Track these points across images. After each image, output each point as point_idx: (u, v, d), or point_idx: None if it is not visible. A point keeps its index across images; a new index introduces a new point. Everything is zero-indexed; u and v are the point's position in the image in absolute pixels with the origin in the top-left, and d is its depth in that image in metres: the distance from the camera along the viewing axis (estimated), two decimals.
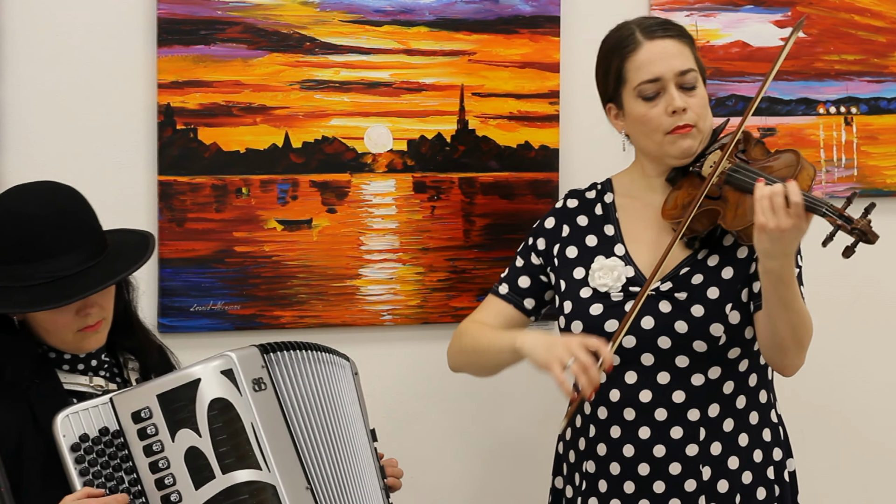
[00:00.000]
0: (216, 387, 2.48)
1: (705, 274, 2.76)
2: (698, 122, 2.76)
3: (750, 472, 2.78)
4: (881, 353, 3.68)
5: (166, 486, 2.45)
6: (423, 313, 3.32)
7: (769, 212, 2.53)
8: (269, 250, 3.19)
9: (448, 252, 3.32)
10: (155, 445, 2.45)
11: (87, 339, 2.56)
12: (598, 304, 2.78)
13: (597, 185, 2.94)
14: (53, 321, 2.53)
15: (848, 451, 3.64)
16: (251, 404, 2.48)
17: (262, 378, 2.53)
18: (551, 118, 3.37)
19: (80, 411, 2.46)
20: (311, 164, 3.21)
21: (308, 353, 2.66)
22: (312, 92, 3.20)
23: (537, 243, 2.91)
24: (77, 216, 2.55)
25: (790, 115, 3.55)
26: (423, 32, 3.28)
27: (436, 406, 3.34)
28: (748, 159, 2.75)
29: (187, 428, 2.45)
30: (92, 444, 2.45)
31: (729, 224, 2.68)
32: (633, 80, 2.76)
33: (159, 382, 2.49)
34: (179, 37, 3.10)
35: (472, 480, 3.41)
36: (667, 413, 2.75)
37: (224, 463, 2.45)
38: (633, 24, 2.81)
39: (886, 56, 3.62)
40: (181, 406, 2.46)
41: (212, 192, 3.14)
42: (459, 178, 3.32)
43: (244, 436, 2.47)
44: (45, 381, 2.54)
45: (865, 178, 3.61)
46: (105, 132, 3.08)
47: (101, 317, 2.56)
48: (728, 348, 2.74)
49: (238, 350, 2.53)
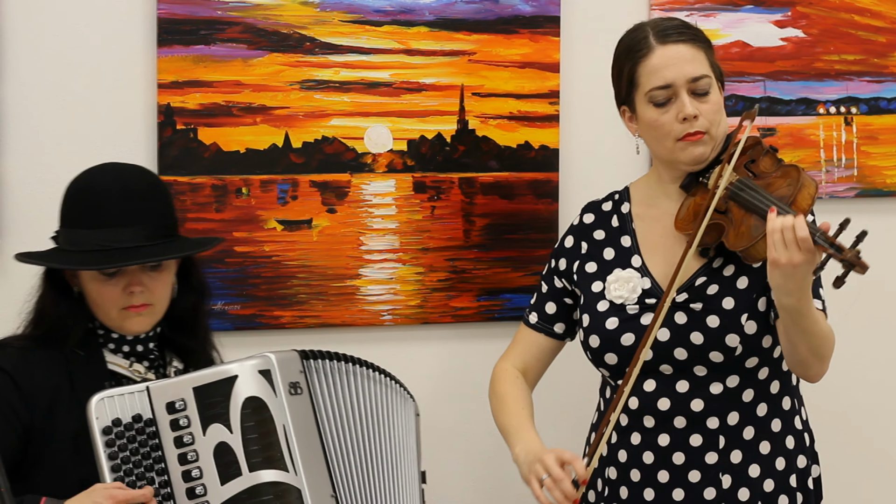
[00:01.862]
0: (252, 385, 2.49)
1: (721, 284, 2.73)
2: (710, 129, 2.73)
3: (772, 479, 2.76)
4: (881, 353, 3.68)
5: (193, 479, 2.46)
6: (423, 313, 3.32)
7: (780, 246, 2.50)
8: (269, 250, 3.20)
9: (448, 252, 3.32)
10: (186, 437, 2.48)
11: (129, 318, 2.58)
12: (614, 317, 2.76)
13: (614, 196, 2.91)
14: (100, 293, 2.57)
15: (848, 450, 3.64)
16: (285, 406, 2.50)
17: (298, 382, 2.55)
18: (551, 118, 3.37)
19: (115, 396, 2.49)
20: (311, 164, 3.21)
21: (352, 366, 2.68)
22: (312, 92, 3.20)
23: (559, 265, 2.90)
24: (146, 196, 2.59)
25: (790, 115, 3.55)
26: (423, 32, 3.28)
27: (436, 406, 3.34)
28: (756, 172, 2.71)
29: (219, 423, 2.47)
30: (124, 429, 2.47)
31: (731, 244, 2.65)
32: (645, 85, 2.73)
33: (197, 376, 2.52)
34: (179, 37, 3.10)
35: (474, 483, 3.41)
36: (686, 421, 2.73)
37: (252, 461, 2.46)
38: (647, 27, 2.77)
39: (886, 56, 3.62)
40: (216, 401, 2.48)
41: (212, 192, 3.14)
42: (459, 178, 3.32)
43: (275, 437, 2.48)
44: (90, 354, 2.58)
45: (865, 178, 3.61)
46: (105, 132, 3.08)
47: (147, 300, 2.58)
48: (745, 358, 2.72)
49: (278, 352, 2.55)
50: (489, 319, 3.33)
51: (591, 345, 2.78)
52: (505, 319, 3.33)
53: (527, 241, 3.36)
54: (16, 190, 3.04)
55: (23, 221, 3.03)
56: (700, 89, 2.72)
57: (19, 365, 2.54)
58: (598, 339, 2.77)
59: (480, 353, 3.29)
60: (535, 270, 3.23)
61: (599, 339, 2.77)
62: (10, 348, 2.58)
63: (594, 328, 2.78)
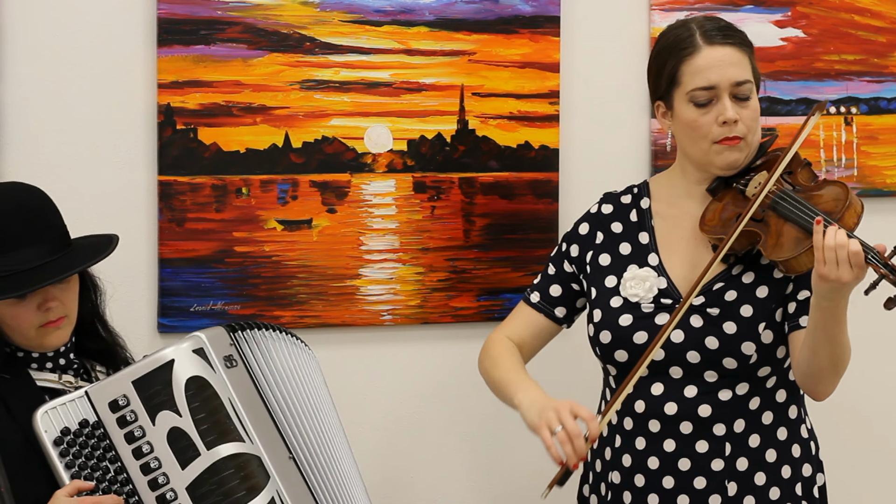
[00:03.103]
0: (190, 366, 2.52)
1: (739, 291, 2.71)
2: (747, 136, 2.71)
3: (777, 488, 2.75)
4: (886, 360, 3.68)
5: (152, 470, 2.48)
6: (423, 313, 3.32)
7: (832, 263, 2.47)
8: (269, 250, 3.20)
9: (448, 252, 3.32)
10: (136, 431, 2.49)
11: (48, 335, 2.58)
12: (627, 314, 2.74)
13: (633, 189, 2.88)
14: (15, 316, 2.55)
15: (847, 451, 3.64)
16: (226, 380, 2.53)
17: (232, 355, 2.59)
18: (551, 118, 3.37)
19: (58, 406, 2.49)
20: (311, 164, 3.21)
21: (273, 332, 2.72)
22: (312, 92, 3.20)
23: (570, 250, 2.87)
24: (39, 213, 2.58)
25: (790, 115, 3.55)
26: (423, 32, 3.28)
27: (437, 406, 3.34)
28: (794, 184, 2.70)
29: (167, 410, 2.49)
30: (74, 436, 2.48)
31: (769, 253, 2.63)
32: (688, 84, 2.70)
33: (133, 369, 2.53)
34: (179, 37, 3.10)
35: (472, 482, 3.41)
36: (692, 426, 2.71)
37: (207, 440, 2.49)
38: (694, 25, 2.74)
39: (886, 56, 3.62)
40: (158, 389, 2.50)
41: (212, 192, 3.14)
42: (459, 178, 3.32)
43: (224, 411, 2.51)
44: (17, 377, 2.57)
45: (865, 178, 3.61)
46: (105, 132, 3.08)
47: (62, 313, 2.58)
48: (758, 367, 2.70)
49: (205, 330, 2.58)
50: (489, 319, 3.33)
51: (602, 340, 2.76)
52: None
53: (527, 241, 3.36)
54: None
55: None
56: (742, 94, 2.70)
57: None
58: (610, 335, 2.74)
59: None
60: (535, 270, 3.22)
61: (611, 336, 2.74)
62: None
63: (606, 324, 2.76)
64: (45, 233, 2.56)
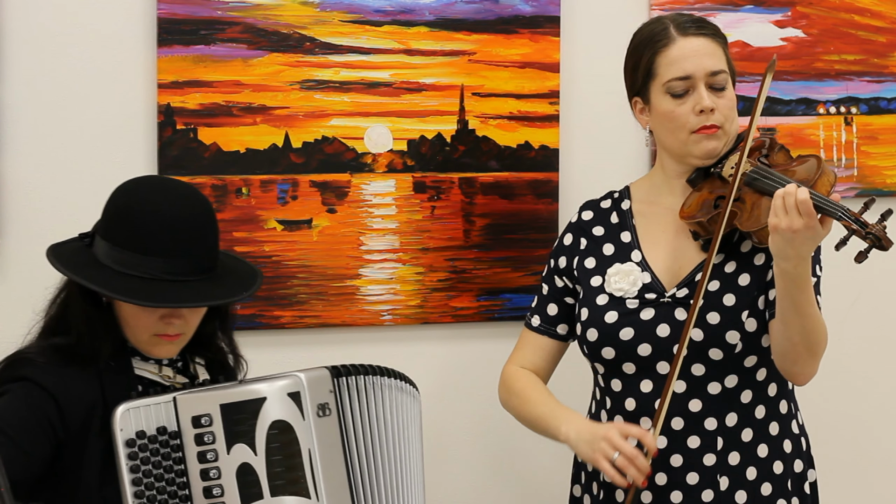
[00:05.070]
0: (280, 408, 2.47)
1: (721, 280, 2.73)
2: (725, 124, 2.74)
3: (769, 483, 2.76)
4: (880, 356, 3.68)
5: (213, 496, 2.44)
6: (423, 313, 3.32)
7: (781, 211, 2.50)
8: (269, 250, 3.20)
9: (448, 252, 3.32)
10: (209, 454, 2.45)
11: (160, 345, 2.55)
12: (613, 311, 2.76)
13: (613, 194, 2.91)
14: (136, 317, 2.53)
15: (847, 450, 3.64)
16: (312, 430, 2.48)
17: (327, 403, 2.53)
18: (551, 118, 3.37)
19: (141, 406, 2.46)
20: (311, 164, 3.21)
21: (380, 378, 2.66)
22: (312, 92, 3.20)
23: (558, 263, 2.89)
24: (199, 228, 2.53)
25: (790, 115, 3.55)
26: (423, 32, 3.28)
27: (437, 406, 3.34)
28: (770, 164, 2.72)
29: (244, 443, 2.45)
30: (148, 441, 2.45)
31: (744, 224, 2.66)
32: (664, 75, 2.74)
33: (225, 392, 2.48)
34: (179, 37, 3.10)
35: (474, 483, 3.41)
36: (683, 422, 2.72)
37: (274, 484, 2.44)
38: (667, 20, 2.78)
39: (886, 56, 3.62)
40: (242, 419, 2.45)
41: (212, 192, 3.14)
42: (459, 178, 3.32)
43: (299, 461, 2.46)
44: (121, 367, 2.54)
45: (865, 178, 3.61)
46: (105, 132, 3.08)
47: (181, 331, 2.55)
48: (744, 356, 2.71)
49: (308, 371, 2.52)
50: (489, 319, 3.33)
51: (589, 338, 2.78)
52: (505, 319, 3.33)
53: (527, 241, 3.36)
54: (16, 190, 3.03)
55: (23, 221, 3.02)
56: (717, 84, 2.74)
57: (60, 384, 2.48)
58: (597, 333, 2.76)
59: (480, 353, 3.29)
60: (536, 270, 3.23)
61: (598, 333, 2.76)
62: (44, 365, 2.50)
63: (592, 321, 2.78)
64: (196, 249, 2.52)
